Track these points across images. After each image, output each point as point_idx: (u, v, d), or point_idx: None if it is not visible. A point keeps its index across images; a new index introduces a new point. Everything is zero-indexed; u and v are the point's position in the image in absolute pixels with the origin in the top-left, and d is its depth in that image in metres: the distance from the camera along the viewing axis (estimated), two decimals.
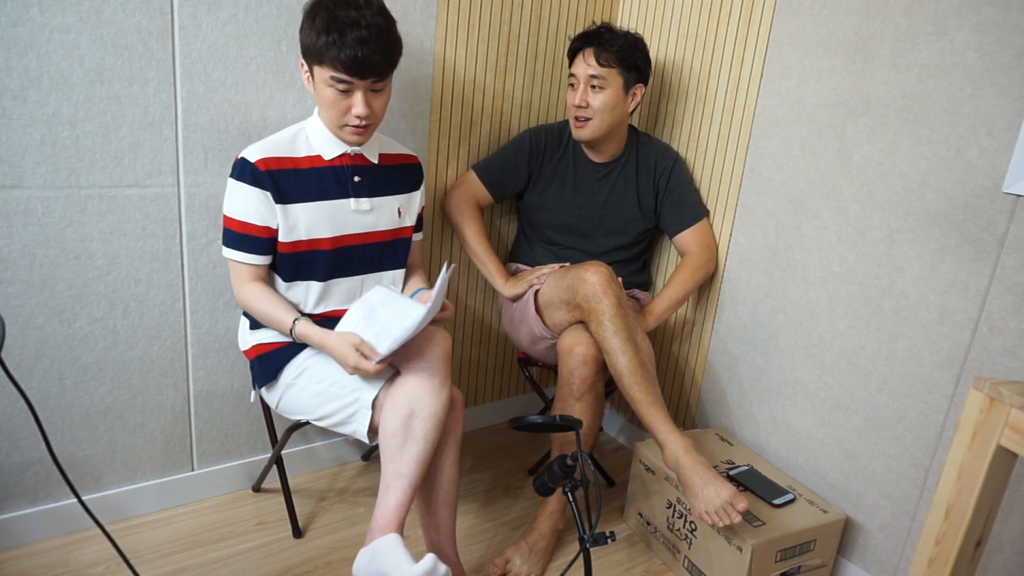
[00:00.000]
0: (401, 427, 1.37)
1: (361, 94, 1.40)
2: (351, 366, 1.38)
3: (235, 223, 1.46)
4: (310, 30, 1.36)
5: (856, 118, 1.59)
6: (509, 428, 1.63)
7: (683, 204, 1.94)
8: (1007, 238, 1.36)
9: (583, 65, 1.79)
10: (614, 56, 1.77)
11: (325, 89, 1.40)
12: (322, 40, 1.34)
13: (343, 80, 1.37)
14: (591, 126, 1.81)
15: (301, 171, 1.48)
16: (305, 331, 1.45)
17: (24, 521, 1.60)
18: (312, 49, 1.37)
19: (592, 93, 1.79)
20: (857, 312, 1.63)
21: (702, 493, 1.50)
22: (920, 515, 1.55)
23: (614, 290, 1.64)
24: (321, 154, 1.51)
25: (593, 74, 1.78)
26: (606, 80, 1.78)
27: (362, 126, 1.44)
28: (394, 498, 1.36)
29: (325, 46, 1.34)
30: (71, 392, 1.58)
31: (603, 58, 1.77)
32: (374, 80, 1.39)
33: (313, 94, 1.45)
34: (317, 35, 1.35)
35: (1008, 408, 0.97)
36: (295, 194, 1.47)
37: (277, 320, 1.47)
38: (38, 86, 1.38)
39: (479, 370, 2.29)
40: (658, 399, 1.62)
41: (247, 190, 1.44)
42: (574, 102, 1.80)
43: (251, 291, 1.48)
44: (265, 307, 1.47)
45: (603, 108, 1.79)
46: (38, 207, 1.44)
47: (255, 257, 1.48)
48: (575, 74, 1.81)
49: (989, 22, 1.35)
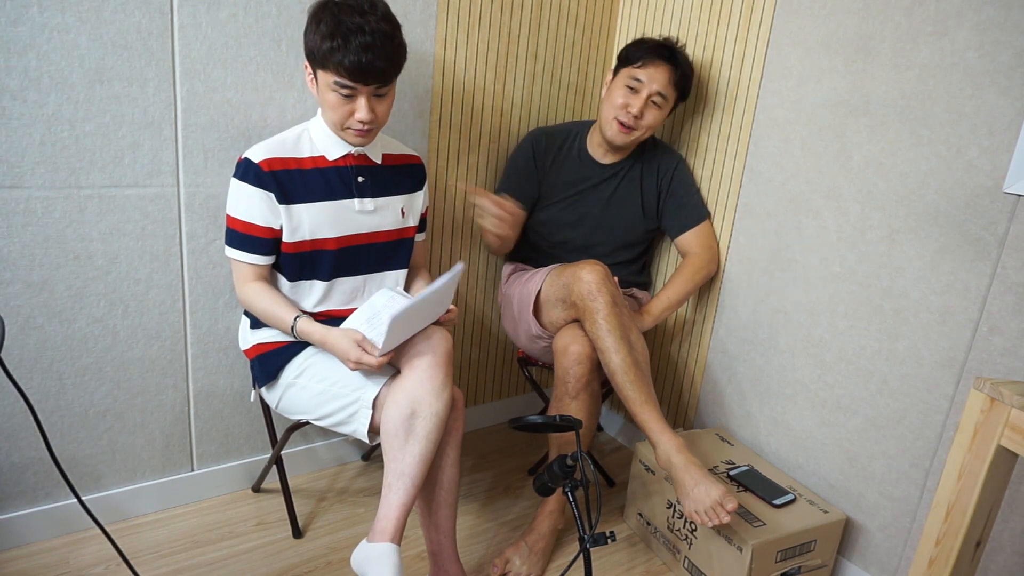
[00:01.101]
0: (403, 427, 1.37)
1: (364, 99, 1.39)
2: (353, 361, 1.38)
3: (238, 223, 1.46)
4: (314, 34, 1.35)
5: (856, 118, 1.59)
6: (509, 428, 1.63)
7: (685, 205, 1.94)
8: (1007, 238, 1.36)
9: (653, 78, 1.76)
10: (682, 84, 1.79)
11: (329, 93, 1.39)
12: (326, 45, 1.33)
13: (347, 86, 1.37)
14: (634, 136, 1.81)
15: (305, 171, 1.48)
16: (306, 328, 1.45)
17: (24, 521, 1.60)
18: (316, 53, 1.36)
19: (649, 108, 1.78)
20: (857, 312, 1.63)
21: (692, 492, 1.50)
22: (920, 515, 1.55)
23: (609, 288, 1.64)
24: (325, 154, 1.51)
25: (660, 91, 1.77)
26: (666, 101, 1.79)
27: (365, 130, 1.44)
28: (396, 498, 1.37)
29: (329, 51, 1.33)
30: (71, 392, 1.58)
31: (676, 81, 1.77)
32: (378, 86, 1.39)
33: (316, 96, 1.45)
34: (321, 39, 1.34)
35: (1008, 408, 0.97)
36: (299, 195, 1.47)
37: (278, 318, 1.47)
38: (38, 86, 1.38)
39: (479, 370, 2.29)
40: (651, 398, 1.62)
41: (250, 191, 1.44)
42: (631, 109, 1.76)
43: (253, 290, 1.49)
44: (267, 305, 1.48)
45: (652, 125, 1.81)
46: (38, 207, 1.44)
47: (257, 257, 1.48)
48: (641, 80, 1.76)
49: (989, 22, 1.35)
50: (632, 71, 1.78)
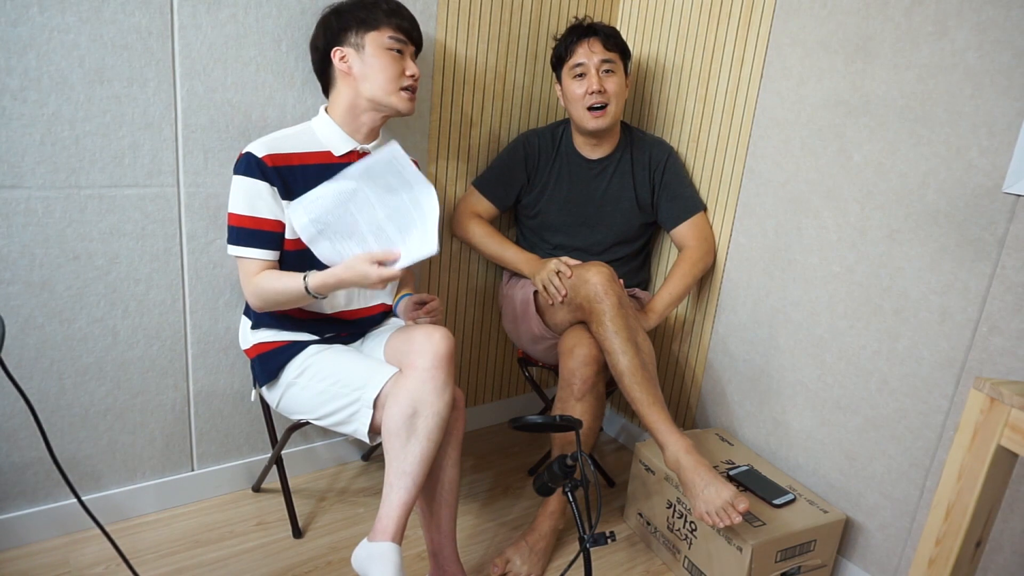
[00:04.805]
0: (404, 426, 1.37)
1: (410, 57, 1.53)
2: (376, 280, 1.36)
3: (245, 219, 1.44)
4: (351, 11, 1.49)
5: (856, 118, 1.59)
6: (509, 428, 1.63)
7: (679, 198, 1.94)
8: (1007, 238, 1.36)
9: (590, 53, 1.79)
10: (616, 42, 1.81)
11: (382, 55, 1.48)
12: (367, 9, 1.48)
13: (400, 39, 1.50)
14: (610, 112, 1.81)
15: (308, 167, 1.48)
16: (319, 279, 1.41)
17: (24, 521, 1.60)
18: (368, 19, 1.48)
19: (606, 78, 1.80)
20: (857, 312, 1.63)
21: (703, 494, 1.50)
22: (920, 515, 1.55)
23: (615, 290, 1.64)
24: (331, 150, 1.51)
25: (605, 59, 1.79)
26: (616, 64, 1.81)
27: (416, 86, 1.54)
28: (398, 497, 1.36)
29: (385, 13, 1.48)
30: (71, 392, 1.58)
31: (610, 44, 1.79)
32: (416, 50, 1.56)
33: (355, 73, 1.49)
34: (362, 7, 1.49)
35: (1008, 408, 0.97)
36: (302, 191, 1.46)
37: (291, 288, 1.42)
38: (38, 86, 1.38)
39: (479, 370, 2.29)
40: (659, 400, 1.62)
41: (255, 184, 1.43)
42: (590, 89, 1.78)
43: (260, 278, 1.45)
44: (276, 284, 1.44)
45: (618, 91, 1.82)
46: (38, 207, 1.44)
47: (265, 252, 1.46)
48: (583, 63, 1.79)
49: (989, 22, 1.35)
50: (570, 63, 1.83)
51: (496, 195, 1.95)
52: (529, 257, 1.88)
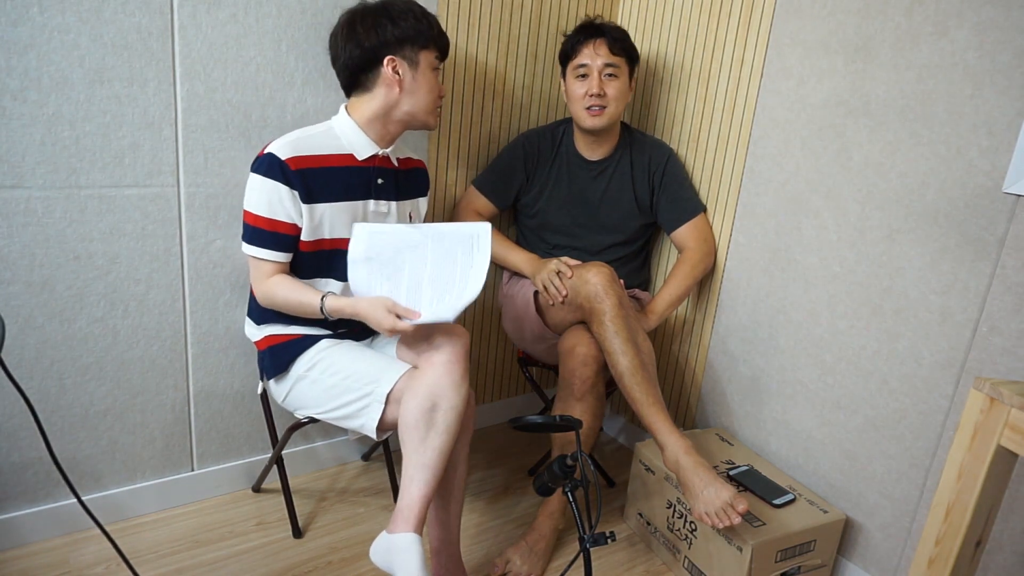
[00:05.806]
0: (423, 419, 1.36)
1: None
2: (387, 329, 1.37)
3: (261, 220, 1.44)
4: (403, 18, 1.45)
5: (856, 118, 1.59)
6: (509, 428, 1.63)
7: (678, 199, 1.94)
8: (1007, 238, 1.36)
9: (594, 55, 1.79)
10: (623, 46, 1.80)
11: (431, 76, 1.51)
12: (423, 26, 1.46)
13: (441, 60, 1.53)
14: (608, 113, 1.81)
15: (330, 169, 1.48)
16: (336, 304, 1.43)
17: (24, 521, 1.60)
18: (421, 37, 1.47)
19: (607, 82, 1.80)
20: (857, 312, 1.63)
21: (702, 495, 1.50)
22: (920, 515, 1.55)
23: (616, 291, 1.64)
24: (354, 154, 1.51)
25: (608, 63, 1.79)
26: (619, 69, 1.81)
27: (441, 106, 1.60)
28: (418, 489, 1.36)
29: (437, 34, 1.49)
30: (71, 392, 1.58)
31: (616, 48, 1.79)
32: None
33: (404, 86, 1.49)
34: (416, 20, 1.46)
35: (1008, 408, 0.97)
36: (322, 194, 1.46)
37: (306, 303, 1.44)
38: (38, 86, 1.38)
39: (479, 370, 2.29)
40: (658, 400, 1.62)
41: (275, 187, 1.42)
42: (590, 91, 1.79)
43: (275, 283, 1.46)
44: (292, 294, 1.45)
45: (619, 95, 1.82)
46: (38, 207, 1.44)
47: (279, 254, 1.47)
48: (586, 64, 1.80)
49: (989, 22, 1.35)
50: (574, 63, 1.83)
51: (495, 194, 1.95)
52: (529, 257, 1.88)
